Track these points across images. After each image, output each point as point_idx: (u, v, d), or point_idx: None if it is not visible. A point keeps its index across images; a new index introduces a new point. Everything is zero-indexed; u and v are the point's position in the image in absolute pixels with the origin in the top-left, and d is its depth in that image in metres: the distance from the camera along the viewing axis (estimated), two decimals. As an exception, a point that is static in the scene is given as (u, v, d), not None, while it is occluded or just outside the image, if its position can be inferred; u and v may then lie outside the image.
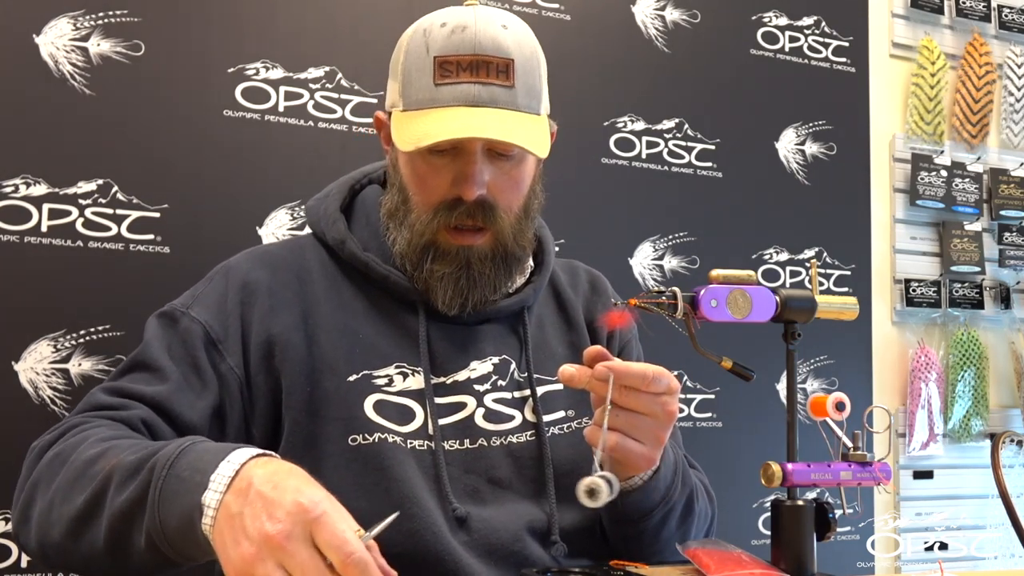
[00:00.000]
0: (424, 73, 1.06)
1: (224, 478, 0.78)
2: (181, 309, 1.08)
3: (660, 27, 1.92)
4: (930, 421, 2.11)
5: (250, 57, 1.55)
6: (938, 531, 2.12)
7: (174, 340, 1.06)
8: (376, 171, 1.24)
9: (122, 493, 0.84)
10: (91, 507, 0.87)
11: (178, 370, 1.04)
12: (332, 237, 1.14)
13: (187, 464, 0.82)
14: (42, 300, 1.39)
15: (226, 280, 1.10)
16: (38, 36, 1.42)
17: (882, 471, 0.90)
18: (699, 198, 1.92)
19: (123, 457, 0.88)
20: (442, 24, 1.06)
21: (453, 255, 1.08)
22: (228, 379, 1.05)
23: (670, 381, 0.94)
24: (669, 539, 1.08)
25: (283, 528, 0.72)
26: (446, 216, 1.07)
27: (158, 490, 0.81)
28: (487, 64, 1.05)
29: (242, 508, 0.75)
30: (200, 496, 0.78)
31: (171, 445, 0.86)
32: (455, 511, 1.02)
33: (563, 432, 1.13)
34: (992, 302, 2.22)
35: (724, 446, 1.88)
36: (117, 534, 0.85)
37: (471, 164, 1.06)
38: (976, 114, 2.23)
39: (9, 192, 1.38)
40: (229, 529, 0.75)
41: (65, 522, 0.89)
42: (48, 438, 0.99)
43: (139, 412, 1.00)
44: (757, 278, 0.96)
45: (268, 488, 0.75)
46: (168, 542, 0.81)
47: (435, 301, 1.09)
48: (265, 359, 1.06)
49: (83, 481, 0.89)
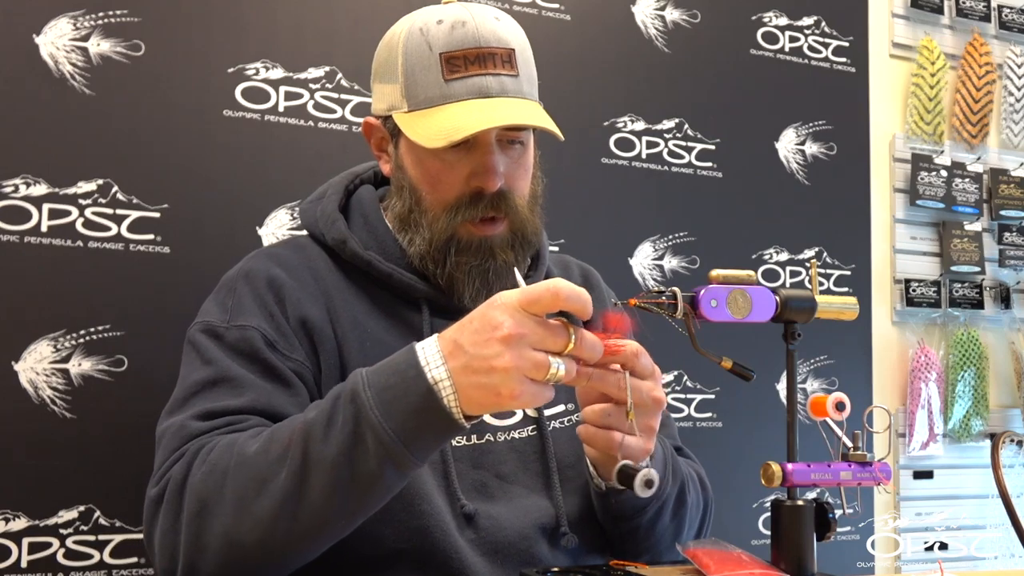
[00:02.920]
0: (430, 71, 1.06)
1: (435, 354, 0.85)
2: (223, 325, 1.05)
3: (660, 27, 1.92)
4: (930, 421, 2.11)
5: (250, 57, 1.55)
6: (938, 531, 2.12)
7: (233, 354, 1.03)
8: (366, 171, 1.25)
9: (330, 439, 0.85)
10: (300, 476, 0.86)
11: (256, 378, 1.01)
12: (332, 238, 1.14)
13: (383, 378, 0.86)
14: (42, 300, 1.39)
15: (251, 284, 1.09)
16: (38, 36, 1.42)
17: (882, 471, 0.90)
18: (699, 198, 1.92)
19: (301, 422, 0.88)
20: (438, 21, 1.07)
21: (476, 246, 1.09)
22: (303, 374, 1.05)
23: (649, 361, 0.94)
24: (663, 533, 1.09)
25: (507, 323, 0.81)
26: (470, 211, 1.08)
27: (373, 408, 0.84)
28: (492, 55, 1.06)
29: (469, 351, 0.83)
30: (427, 382, 0.84)
31: (341, 388, 0.89)
32: (463, 508, 1.03)
33: (563, 425, 1.14)
34: (992, 302, 2.22)
35: (724, 446, 1.88)
36: (343, 476, 0.85)
37: (490, 155, 1.07)
38: (976, 114, 2.23)
39: (9, 192, 1.38)
40: (472, 372, 0.82)
41: (269, 511, 0.86)
42: (178, 472, 0.93)
43: (252, 422, 0.97)
44: (757, 278, 0.96)
45: (469, 330, 0.84)
46: (406, 443, 0.84)
47: (460, 295, 1.10)
48: (310, 343, 1.07)
49: (271, 466, 0.87)
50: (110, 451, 1.39)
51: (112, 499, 1.40)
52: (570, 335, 0.83)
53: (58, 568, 1.36)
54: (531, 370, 0.81)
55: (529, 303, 0.82)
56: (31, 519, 1.35)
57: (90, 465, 1.39)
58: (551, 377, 0.83)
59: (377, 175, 1.25)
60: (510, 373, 0.80)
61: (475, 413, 0.85)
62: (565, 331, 0.83)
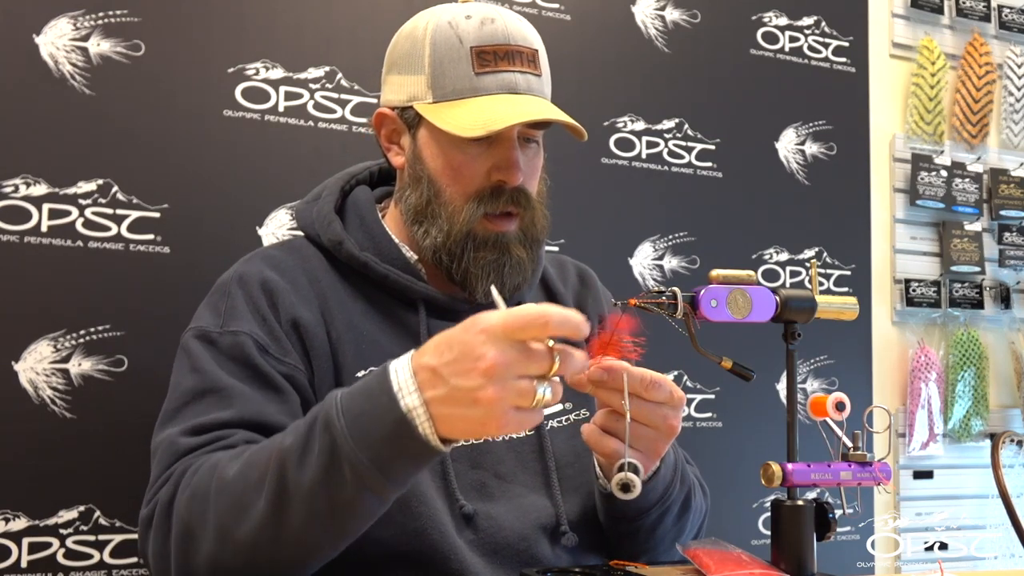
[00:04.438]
0: (460, 63, 1.07)
1: (408, 381, 0.81)
2: (216, 330, 1.05)
3: (660, 27, 1.92)
4: (930, 421, 2.11)
5: (250, 57, 1.55)
6: (938, 531, 2.12)
7: (225, 360, 1.03)
8: (361, 172, 1.24)
9: (306, 467, 0.83)
10: (277, 504, 0.84)
11: (246, 386, 1.01)
12: (328, 239, 1.13)
13: (356, 404, 0.83)
14: (42, 300, 1.39)
15: (244, 287, 1.09)
16: (38, 36, 1.42)
17: (882, 471, 0.90)
18: (699, 198, 1.92)
19: (278, 448, 0.86)
20: (467, 16, 1.08)
21: (492, 242, 1.09)
22: (296, 378, 1.04)
23: (672, 390, 0.93)
24: (664, 536, 1.09)
25: (489, 353, 0.76)
26: (491, 204, 1.09)
27: (347, 437, 0.81)
28: (520, 54, 1.08)
29: (450, 381, 0.78)
30: (399, 410, 0.80)
31: (318, 410, 0.86)
32: (462, 508, 1.03)
33: (561, 424, 1.14)
34: (992, 302, 2.22)
35: (724, 446, 1.88)
36: (321, 504, 0.83)
37: (512, 150, 1.08)
38: (976, 114, 2.23)
39: (9, 192, 1.38)
40: (453, 403, 0.78)
41: (250, 537, 0.86)
42: (164, 495, 0.94)
43: (238, 436, 0.97)
44: (757, 278, 0.96)
45: (447, 354, 0.79)
46: (381, 471, 0.82)
47: (472, 291, 1.10)
48: (302, 346, 1.06)
49: (248, 493, 0.86)
50: (110, 451, 1.39)
51: (112, 499, 1.40)
52: (554, 357, 0.79)
53: (58, 568, 1.36)
54: (516, 399, 0.78)
55: (515, 330, 0.77)
56: (31, 519, 1.35)
57: (90, 465, 1.38)
58: (537, 403, 0.79)
59: (373, 176, 1.25)
60: (495, 405, 0.77)
61: (456, 439, 0.83)
62: (549, 354, 0.79)
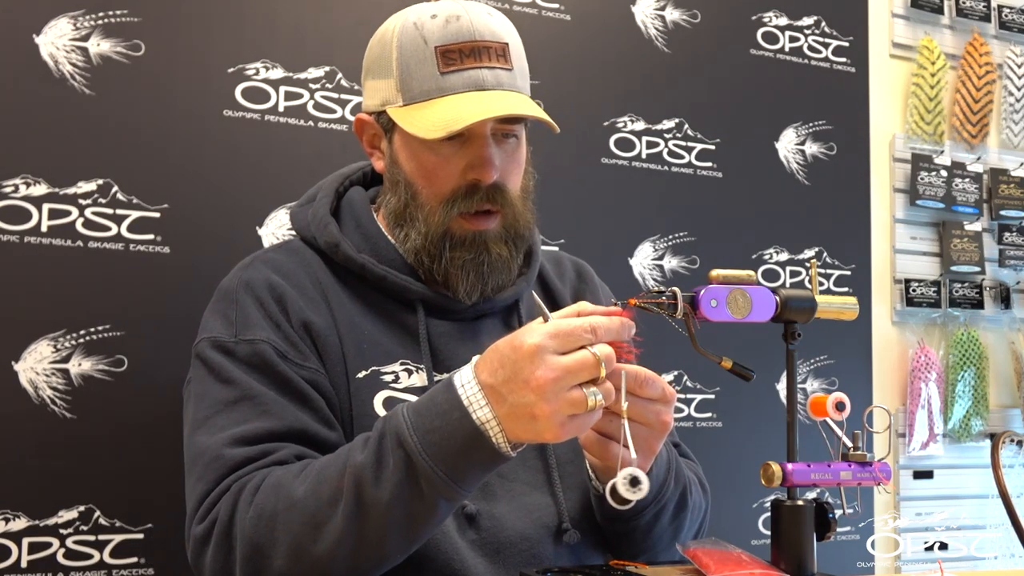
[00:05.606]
0: (425, 64, 1.06)
1: (477, 395, 0.86)
2: (231, 339, 1.05)
3: (660, 27, 1.92)
4: (930, 421, 2.11)
5: (250, 57, 1.55)
6: (938, 531, 2.12)
7: (247, 368, 1.03)
8: (355, 173, 1.24)
9: (383, 483, 0.87)
10: (355, 518, 0.88)
11: (276, 394, 1.01)
12: (325, 241, 1.13)
13: (427, 421, 0.87)
14: (42, 300, 1.39)
15: (252, 294, 1.08)
16: (38, 36, 1.42)
17: (882, 471, 0.90)
18: (699, 198, 1.92)
19: (350, 465, 0.89)
20: (432, 16, 1.08)
21: (470, 241, 1.09)
22: (318, 382, 1.05)
23: (664, 388, 0.93)
24: (662, 535, 1.09)
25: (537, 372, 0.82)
26: (465, 203, 1.08)
27: (422, 453, 0.86)
28: (487, 49, 1.07)
29: (508, 399, 0.84)
30: (473, 424, 0.86)
31: (383, 426, 0.90)
32: (464, 508, 1.03)
33: None
34: (992, 302, 2.22)
35: (724, 446, 1.88)
36: (399, 515, 0.88)
37: (485, 147, 1.07)
38: (976, 114, 2.23)
39: (9, 192, 1.38)
40: (516, 418, 0.84)
41: (327, 552, 0.89)
42: (223, 513, 0.94)
43: (288, 451, 0.98)
44: (757, 278, 0.96)
45: (500, 373, 0.85)
46: (456, 481, 0.87)
47: (455, 291, 1.10)
48: (315, 348, 1.07)
49: (323, 510, 0.89)
50: (110, 451, 1.39)
51: (112, 499, 1.40)
52: (600, 362, 0.83)
53: (58, 568, 1.36)
54: (570, 409, 0.83)
55: (563, 343, 0.83)
56: (31, 519, 1.35)
57: (90, 465, 1.38)
58: (591, 407, 0.84)
59: (366, 176, 1.25)
60: (551, 419, 0.83)
61: (523, 442, 0.88)
62: (595, 360, 0.83)
